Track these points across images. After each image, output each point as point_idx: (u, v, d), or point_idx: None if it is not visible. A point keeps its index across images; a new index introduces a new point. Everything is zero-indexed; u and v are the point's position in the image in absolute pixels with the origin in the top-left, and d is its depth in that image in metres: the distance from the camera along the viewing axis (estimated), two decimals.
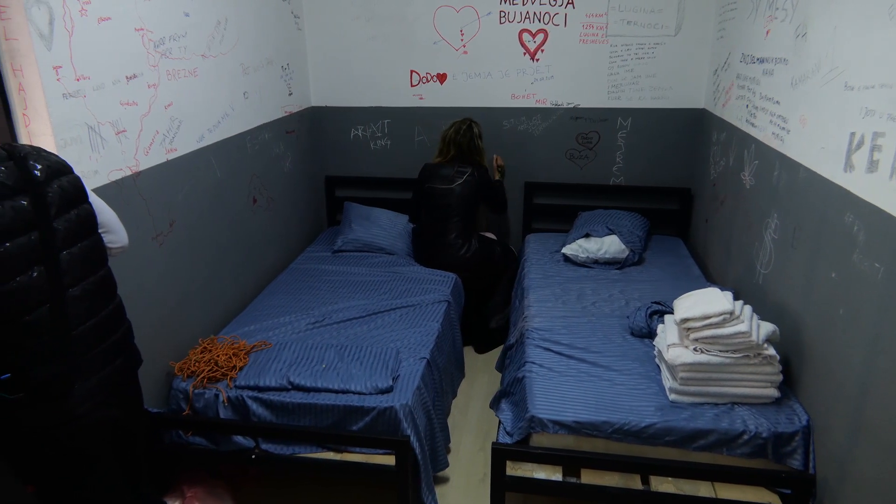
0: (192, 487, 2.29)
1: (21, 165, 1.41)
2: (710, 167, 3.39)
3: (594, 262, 3.30)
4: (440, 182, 3.37)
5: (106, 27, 2.06)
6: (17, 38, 1.76)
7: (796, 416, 2.04)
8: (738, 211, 2.86)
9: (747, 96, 2.80)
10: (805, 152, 2.17)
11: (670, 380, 2.16)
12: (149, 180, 2.31)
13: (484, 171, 3.44)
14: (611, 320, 2.70)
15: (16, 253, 1.36)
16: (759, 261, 2.54)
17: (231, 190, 2.94)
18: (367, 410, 2.19)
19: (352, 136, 3.98)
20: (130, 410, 1.74)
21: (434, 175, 3.41)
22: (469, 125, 3.44)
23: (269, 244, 3.37)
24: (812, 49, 2.14)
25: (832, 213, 1.94)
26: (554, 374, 2.32)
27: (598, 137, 3.76)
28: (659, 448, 2.05)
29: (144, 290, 2.28)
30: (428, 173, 3.45)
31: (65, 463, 1.53)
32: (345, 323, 2.77)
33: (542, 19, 3.57)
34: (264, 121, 3.26)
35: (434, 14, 3.63)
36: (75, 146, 1.95)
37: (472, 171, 3.37)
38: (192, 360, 2.40)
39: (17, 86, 1.80)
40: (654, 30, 3.50)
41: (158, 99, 2.36)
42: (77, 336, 1.50)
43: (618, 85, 3.64)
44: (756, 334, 2.05)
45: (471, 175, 3.36)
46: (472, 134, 3.42)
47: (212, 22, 2.70)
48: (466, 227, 3.38)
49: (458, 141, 3.41)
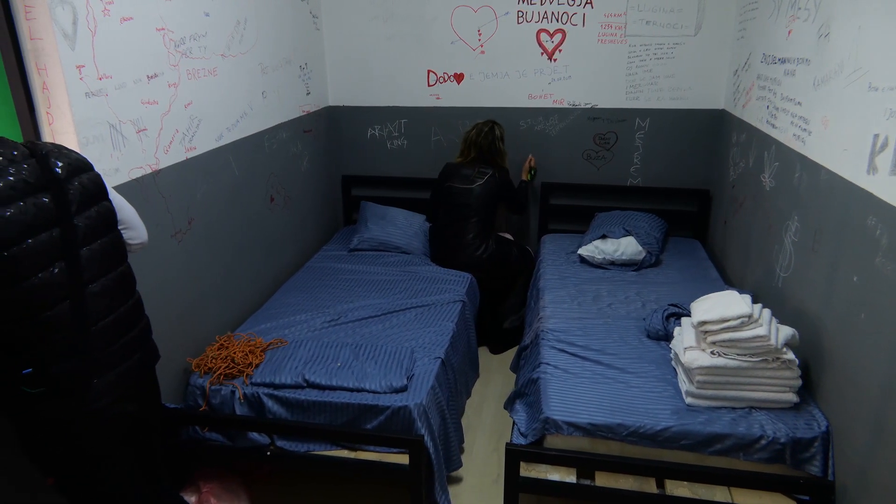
0: (208, 483, 2.32)
1: (43, 163, 1.43)
2: (729, 169, 3.35)
3: (610, 263, 3.28)
4: (460, 182, 3.38)
5: (128, 27, 2.09)
6: (41, 37, 1.79)
7: (815, 421, 2.01)
8: (757, 213, 2.83)
9: (768, 97, 2.77)
10: (827, 154, 2.14)
11: (687, 383, 2.14)
12: (168, 178, 2.34)
13: (505, 173, 3.44)
14: (627, 322, 2.68)
15: (37, 249, 1.38)
16: (779, 264, 2.51)
17: (249, 188, 2.96)
18: (381, 409, 2.20)
19: (368, 135, 3.99)
20: (148, 405, 1.76)
21: (454, 174, 3.41)
22: (491, 127, 3.43)
23: (285, 242, 3.39)
24: (835, 49, 2.10)
25: (854, 216, 1.90)
26: (569, 375, 2.30)
27: (616, 138, 3.74)
28: (675, 452, 2.03)
29: (163, 286, 2.31)
30: (448, 172, 3.45)
31: (84, 456, 1.55)
32: (360, 322, 2.78)
33: (561, 19, 3.56)
34: (282, 120, 3.29)
35: (452, 14, 3.63)
36: (97, 144, 1.98)
37: (493, 172, 3.37)
38: (209, 357, 2.43)
39: (41, 84, 1.83)
40: (673, 30, 3.47)
41: (178, 98, 2.38)
42: (96, 332, 1.52)
43: (636, 85, 3.61)
44: (775, 338, 2.02)
45: (491, 177, 3.36)
46: (494, 136, 3.42)
47: (231, 22, 2.73)
48: (484, 228, 3.38)
49: (479, 143, 3.42)
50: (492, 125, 3.45)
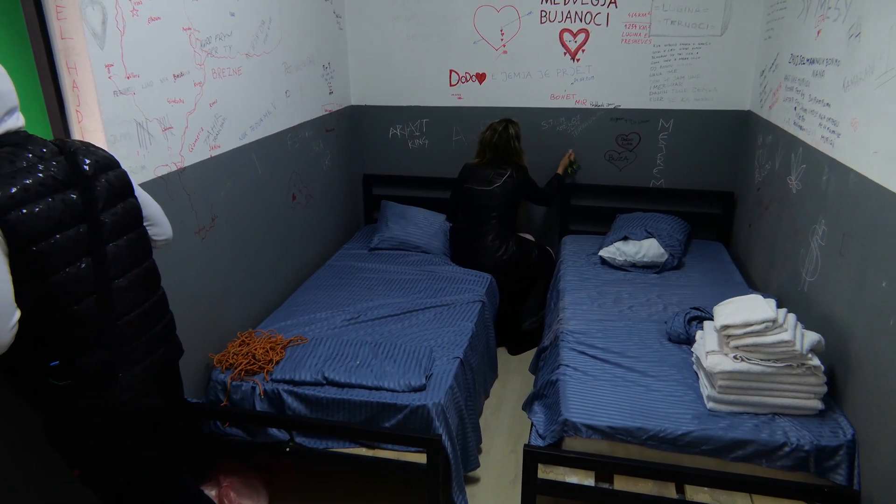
0: (228, 477, 2.34)
1: (71, 160, 1.46)
2: (754, 171, 3.30)
3: (632, 265, 3.25)
4: (478, 183, 3.37)
5: (155, 27, 2.12)
6: (72, 37, 1.83)
7: (841, 429, 1.97)
8: (783, 216, 2.78)
9: (796, 98, 2.72)
10: (856, 156, 2.09)
11: (708, 388, 2.11)
12: (193, 176, 2.37)
13: (524, 172, 3.42)
14: (648, 325, 2.65)
15: (65, 245, 1.41)
16: (805, 268, 2.46)
17: (271, 186, 2.99)
18: (399, 408, 2.20)
19: (390, 134, 4.01)
20: (171, 400, 1.79)
21: (473, 176, 3.41)
22: (505, 126, 3.41)
23: (307, 240, 3.42)
24: (866, 49, 2.06)
25: (884, 220, 1.86)
26: (588, 377, 2.29)
27: (639, 139, 3.70)
28: (695, 457, 2.00)
29: (186, 282, 2.34)
30: (467, 174, 3.45)
31: (108, 448, 1.58)
32: (380, 320, 2.79)
33: (584, 19, 3.53)
34: (305, 119, 3.31)
35: (474, 13, 3.63)
36: (124, 142, 2.01)
37: (511, 172, 3.36)
38: (230, 353, 2.45)
39: (71, 83, 1.87)
40: (698, 29, 3.43)
41: (204, 97, 2.41)
42: (122, 326, 1.54)
43: (660, 86, 3.58)
44: (800, 344, 1.99)
45: (509, 177, 3.35)
46: (509, 135, 3.40)
47: (256, 22, 2.75)
48: (504, 229, 3.37)
49: (495, 143, 3.40)
50: (506, 124, 3.42)
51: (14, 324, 1.32)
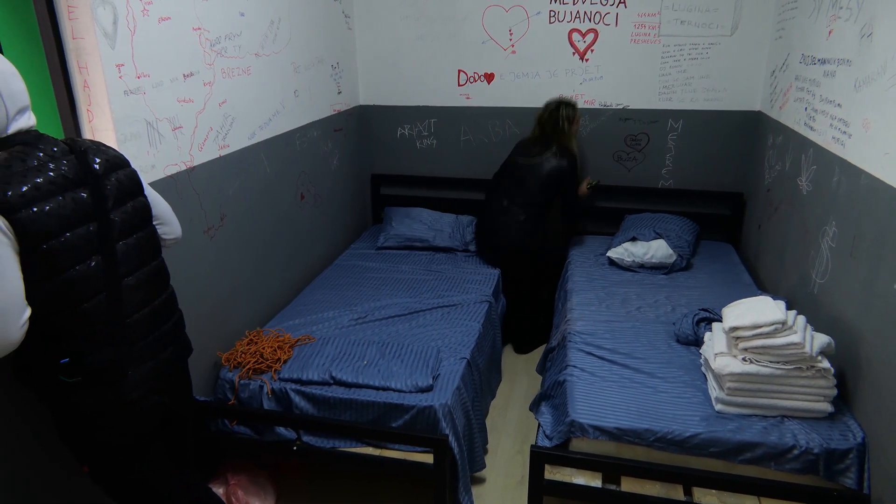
0: (236, 475, 2.35)
1: (81, 159, 1.47)
2: (764, 171, 3.28)
3: (640, 266, 3.24)
4: (522, 156, 3.37)
5: (166, 27, 2.13)
6: (83, 37, 1.84)
7: (851, 432, 1.96)
8: (793, 217, 2.76)
9: (806, 98, 2.70)
10: (868, 158, 2.08)
11: (717, 389, 2.10)
12: (202, 175, 2.38)
13: (570, 159, 3.28)
14: (656, 326, 2.64)
15: (75, 243, 1.41)
16: (815, 270, 2.45)
17: (280, 186, 3.00)
18: (406, 408, 2.21)
19: (398, 134, 4.01)
20: (180, 398, 1.79)
21: (519, 149, 3.42)
22: (557, 106, 3.33)
23: (314, 240, 3.43)
24: (878, 50, 2.04)
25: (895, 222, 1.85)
26: (596, 378, 2.28)
27: (648, 139, 3.69)
28: (703, 459, 2.00)
29: (195, 281, 2.35)
30: (516, 147, 3.47)
31: (117, 445, 1.58)
32: (387, 320, 2.80)
33: (593, 19, 3.52)
34: (313, 119, 3.32)
35: (483, 13, 3.63)
36: (134, 141, 2.02)
37: (556, 151, 3.27)
38: (238, 352, 2.47)
39: (82, 83, 1.88)
40: (708, 29, 3.41)
41: (213, 96, 2.42)
42: (131, 324, 1.55)
43: (669, 86, 3.56)
44: (809, 346, 1.97)
45: (553, 155, 3.26)
46: (559, 115, 3.30)
47: (266, 22, 2.76)
48: (536, 212, 3.32)
49: (544, 122, 3.36)
50: (558, 104, 3.34)
51: (25, 321, 1.33)
